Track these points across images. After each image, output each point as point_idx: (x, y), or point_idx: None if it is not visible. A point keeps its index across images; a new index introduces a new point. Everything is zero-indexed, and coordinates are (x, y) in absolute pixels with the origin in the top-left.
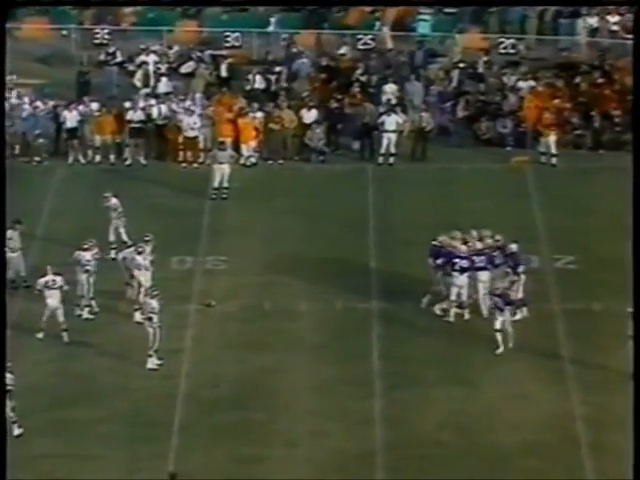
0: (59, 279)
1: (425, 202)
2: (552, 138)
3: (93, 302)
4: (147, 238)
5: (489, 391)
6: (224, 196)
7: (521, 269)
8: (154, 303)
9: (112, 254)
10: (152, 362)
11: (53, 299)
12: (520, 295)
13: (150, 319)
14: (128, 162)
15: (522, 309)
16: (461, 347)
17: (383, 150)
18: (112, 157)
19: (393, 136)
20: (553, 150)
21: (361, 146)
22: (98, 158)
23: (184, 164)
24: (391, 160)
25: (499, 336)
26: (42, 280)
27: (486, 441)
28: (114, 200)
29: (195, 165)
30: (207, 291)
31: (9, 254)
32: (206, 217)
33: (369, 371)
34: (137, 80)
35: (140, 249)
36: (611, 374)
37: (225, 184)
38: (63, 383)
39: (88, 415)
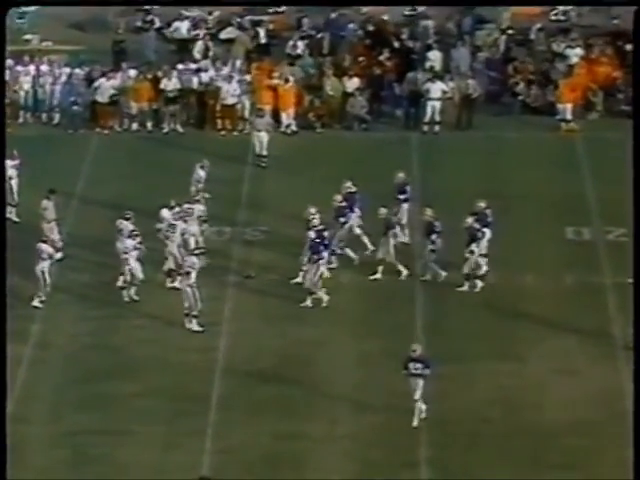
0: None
1: (471, 172)
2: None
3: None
4: (190, 205)
5: (537, 367)
6: (263, 165)
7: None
8: (194, 259)
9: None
10: (194, 324)
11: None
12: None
13: (188, 273)
14: (165, 130)
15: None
16: (508, 321)
17: (427, 118)
18: (149, 125)
19: (438, 104)
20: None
21: (405, 114)
22: (135, 126)
23: (223, 132)
24: (436, 128)
25: None
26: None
27: (534, 418)
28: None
29: (234, 133)
30: (246, 262)
31: (43, 224)
32: (245, 186)
33: (412, 345)
34: (197, 52)
35: (186, 215)
36: None
37: (264, 152)
38: (99, 356)
39: (124, 389)
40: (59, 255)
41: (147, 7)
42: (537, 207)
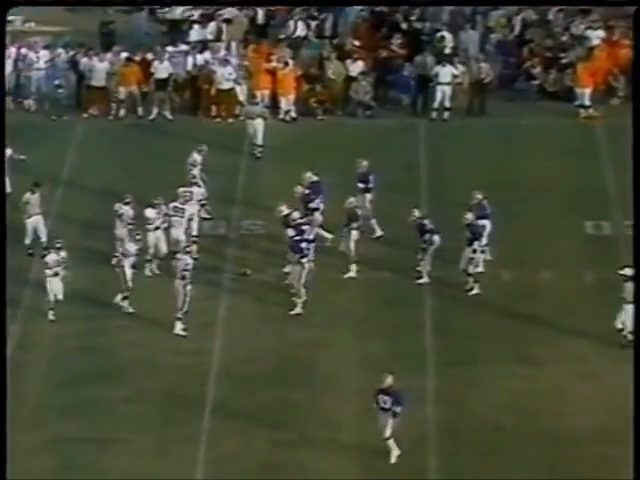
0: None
1: (483, 161)
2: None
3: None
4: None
5: (554, 370)
6: (258, 155)
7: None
8: (188, 259)
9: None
10: (179, 327)
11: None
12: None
13: (183, 277)
14: (151, 117)
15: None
16: (522, 321)
17: (437, 104)
18: (140, 110)
19: (448, 89)
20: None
21: (412, 100)
22: (123, 112)
23: (218, 119)
24: (445, 115)
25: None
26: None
27: (551, 425)
28: None
29: (230, 120)
30: (242, 259)
31: (26, 220)
32: (241, 177)
33: (421, 346)
34: (209, 34)
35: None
36: None
37: (259, 142)
38: (85, 358)
39: (112, 394)
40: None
41: None
42: (554, 200)
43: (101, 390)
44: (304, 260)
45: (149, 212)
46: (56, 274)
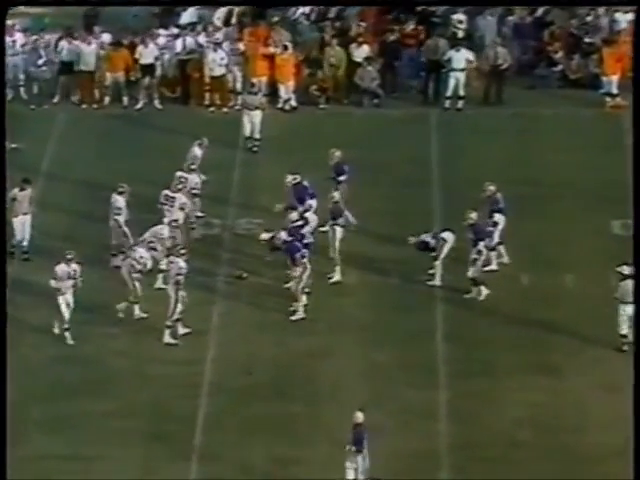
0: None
1: (500, 155)
2: None
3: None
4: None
5: (576, 381)
6: (254, 149)
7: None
8: (181, 263)
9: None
10: (168, 336)
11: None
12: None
13: (177, 282)
14: (139, 106)
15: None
16: (542, 328)
17: (450, 92)
18: (125, 100)
19: (462, 75)
20: None
21: (423, 87)
22: (108, 100)
23: (211, 108)
24: (459, 104)
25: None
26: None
27: (572, 441)
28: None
29: (224, 110)
30: (238, 260)
31: (13, 219)
32: (237, 173)
33: (431, 355)
34: (217, 19)
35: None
36: None
37: (256, 135)
38: (67, 369)
39: (96, 407)
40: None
41: None
42: (577, 196)
43: (85, 403)
44: (302, 263)
45: (119, 201)
46: (64, 289)
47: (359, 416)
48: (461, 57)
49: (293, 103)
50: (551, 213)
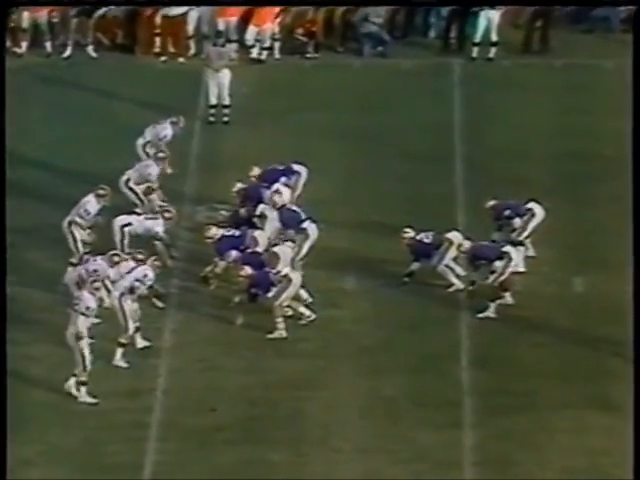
0: None
1: (545, 118)
2: None
3: None
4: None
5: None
6: (225, 119)
7: None
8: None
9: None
10: (119, 358)
11: None
12: None
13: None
14: (66, 54)
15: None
16: (598, 348)
17: (479, 37)
18: (48, 45)
19: (495, 15)
20: None
21: (444, 32)
22: (25, 46)
23: (163, 58)
24: (491, 53)
25: None
26: None
27: None
28: None
29: (181, 60)
30: (199, 260)
31: None
32: (195, 145)
33: (454, 384)
34: None
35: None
36: None
37: (225, 100)
38: None
39: (11, 454)
40: None
41: None
42: None
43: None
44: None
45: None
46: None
47: None
48: None
49: (274, 53)
50: (610, 197)
